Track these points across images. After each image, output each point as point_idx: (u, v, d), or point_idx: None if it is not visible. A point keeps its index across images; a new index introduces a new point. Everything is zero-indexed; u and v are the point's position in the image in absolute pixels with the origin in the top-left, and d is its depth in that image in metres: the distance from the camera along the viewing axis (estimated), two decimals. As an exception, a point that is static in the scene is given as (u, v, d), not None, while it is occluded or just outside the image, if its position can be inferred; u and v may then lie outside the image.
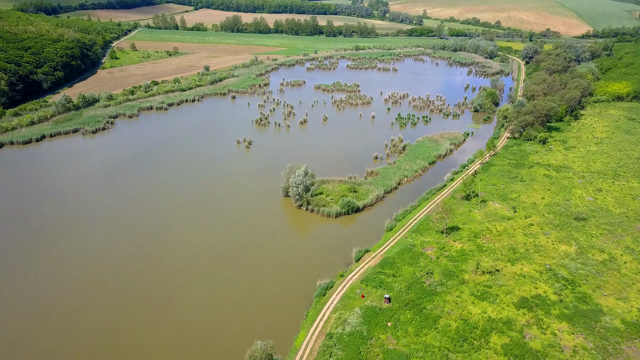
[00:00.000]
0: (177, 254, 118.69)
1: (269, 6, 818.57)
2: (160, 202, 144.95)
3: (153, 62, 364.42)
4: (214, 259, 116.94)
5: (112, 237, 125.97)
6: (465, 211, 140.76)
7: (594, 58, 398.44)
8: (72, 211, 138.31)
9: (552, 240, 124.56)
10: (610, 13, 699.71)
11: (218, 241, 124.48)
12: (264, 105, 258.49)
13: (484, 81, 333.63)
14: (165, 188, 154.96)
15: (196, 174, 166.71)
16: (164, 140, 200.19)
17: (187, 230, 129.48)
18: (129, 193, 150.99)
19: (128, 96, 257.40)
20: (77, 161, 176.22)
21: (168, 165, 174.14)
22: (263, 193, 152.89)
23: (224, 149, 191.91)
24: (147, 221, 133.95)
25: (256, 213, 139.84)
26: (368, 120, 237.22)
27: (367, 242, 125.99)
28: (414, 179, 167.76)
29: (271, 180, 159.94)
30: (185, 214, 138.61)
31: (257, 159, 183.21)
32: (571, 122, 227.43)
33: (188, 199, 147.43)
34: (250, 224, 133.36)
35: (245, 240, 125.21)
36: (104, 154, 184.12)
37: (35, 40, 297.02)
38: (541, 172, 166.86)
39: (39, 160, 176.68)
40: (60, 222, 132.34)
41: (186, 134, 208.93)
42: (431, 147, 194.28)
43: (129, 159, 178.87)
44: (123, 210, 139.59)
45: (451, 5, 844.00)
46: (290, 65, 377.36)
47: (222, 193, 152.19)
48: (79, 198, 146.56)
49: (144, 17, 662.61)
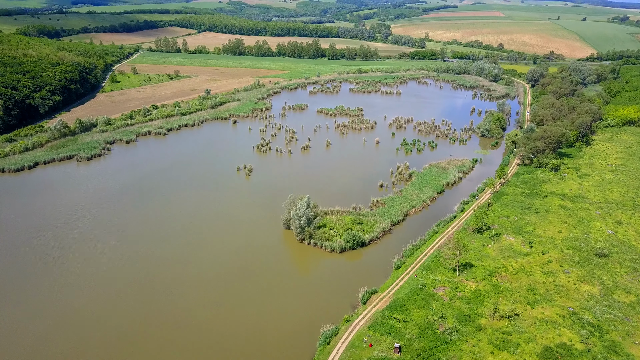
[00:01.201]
0: (171, 293, 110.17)
1: (272, 29, 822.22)
2: (155, 235, 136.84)
3: (154, 85, 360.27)
4: (209, 301, 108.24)
5: (105, 270, 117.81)
6: (477, 246, 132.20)
7: (600, 81, 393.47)
8: (62, 244, 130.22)
9: (573, 279, 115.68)
10: (613, 36, 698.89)
11: (214, 280, 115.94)
12: (266, 130, 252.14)
13: (489, 104, 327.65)
14: (161, 219, 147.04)
15: (193, 204, 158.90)
16: (161, 168, 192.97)
17: (183, 265, 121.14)
18: (122, 225, 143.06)
19: (126, 121, 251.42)
20: (69, 190, 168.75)
21: (164, 194, 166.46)
22: (263, 225, 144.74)
23: (223, 177, 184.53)
24: (140, 256, 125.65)
25: (255, 248, 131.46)
26: (372, 146, 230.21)
27: (374, 280, 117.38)
28: (422, 209, 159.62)
29: (272, 210, 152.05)
30: (181, 247, 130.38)
31: (258, 187, 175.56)
32: (582, 148, 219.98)
33: (184, 231, 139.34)
34: (248, 261, 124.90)
35: (243, 280, 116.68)
36: (98, 182, 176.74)
37: (34, 64, 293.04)
38: (556, 203, 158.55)
39: (30, 189, 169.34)
40: (50, 256, 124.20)
41: (184, 161, 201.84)
42: (439, 174, 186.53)
43: (123, 188, 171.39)
44: (116, 243, 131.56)
45: (453, 28, 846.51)
46: (293, 88, 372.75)
47: (220, 225, 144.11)
48: (70, 229, 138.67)
49: (147, 40, 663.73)
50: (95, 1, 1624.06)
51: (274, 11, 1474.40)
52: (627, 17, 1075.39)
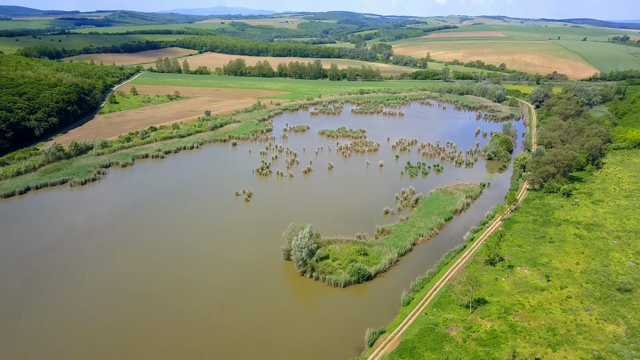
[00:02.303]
0: (163, 330, 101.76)
1: (273, 50, 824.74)
2: (146, 269, 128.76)
3: (153, 106, 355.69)
4: (203, 336, 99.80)
5: (95, 305, 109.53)
6: (490, 279, 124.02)
7: (605, 101, 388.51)
8: (50, 276, 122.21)
9: (596, 317, 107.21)
10: (615, 56, 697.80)
11: (208, 316, 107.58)
12: (266, 152, 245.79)
13: (494, 126, 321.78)
14: (154, 249, 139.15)
15: (189, 232, 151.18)
16: (156, 193, 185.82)
17: (176, 301, 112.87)
18: (114, 255, 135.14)
19: (123, 143, 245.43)
20: (60, 217, 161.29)
21: (159, 222, 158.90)
22: (262, 256, 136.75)
23: (221, 202, 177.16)
24: (129, 294, 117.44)
25: (253, 281, 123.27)
26: (376, 169, 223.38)
27: (380, 318, 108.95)
28: (429, 238, 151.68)
29: (271, 239, 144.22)
30: (175, 280, 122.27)
31: (257, 213, 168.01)
32: (593, 172, 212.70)
33: (179, 262, 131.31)
34: (245, 296, 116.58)
35: (239, 317, 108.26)
36: (90, 208, 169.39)
37: (31, 85, 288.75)
38: (571, 232, 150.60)
39: (19, 215, 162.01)
40: (37, 288, 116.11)
41: (181, 186, 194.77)
42: (446, 200, 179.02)
43: (117, 215, 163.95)
44: (107, 276, 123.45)
45: (454, 48, 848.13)
46: (294, 109, 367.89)
47: (216, 256, 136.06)
48: (60, 259, 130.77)
49: (148, 60, 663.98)
50: (98, 22, 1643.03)
51: (276, 32, 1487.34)
52: (627, 38, 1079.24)
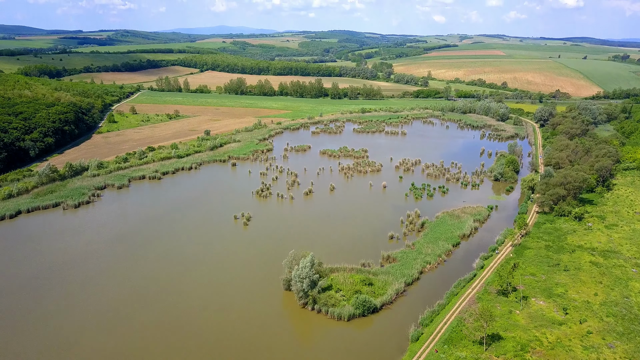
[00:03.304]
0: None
1: (274, 68, 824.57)
2: (140, 297, 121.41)
3: (152, 125, 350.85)
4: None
5: (86, 335, 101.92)
6: (504, 312, 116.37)
7: (610, 120, 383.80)
8: (38, 307, 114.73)
9: (620, 355, 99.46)
10: (616, 74, 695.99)
11: (204, 352, 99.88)
12: (266, 173, 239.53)
13: (499, 145, 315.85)
14: (148, 278, 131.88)
15: (185, 260, 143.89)
16: (152, 217, 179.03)
17: (169, 334, 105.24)
18: (105, 285, 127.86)
19: (120, 164, 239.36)
20: (51, 243, 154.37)
21: (153, 249, 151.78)
22: (260, 285, 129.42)
23: (219, 227, 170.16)
24: (125, 320, 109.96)
25: (251, 315, 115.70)
26: (379, 191, 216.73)
27: (388, 356, 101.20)
28: (437, 265, 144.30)
29: (271, 267, 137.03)
30: (169, 310, 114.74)
31: (256, 239, 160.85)
32: (604, 194, 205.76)
33: (173, 293, 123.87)
34: (242, 330, 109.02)
35: (236, 354, 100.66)
36: (83, 234, 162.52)
37: (28, 104, 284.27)
38: (586, 259, 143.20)
39: (8, 241, 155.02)
40: (22, 319, 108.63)
41: (178, 209, 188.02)
42: (453, 224, 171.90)
43: (110, 241, 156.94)
44: (97, 307, 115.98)
45: (455, 66, 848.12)
46: (295, 129, 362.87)
47: (213, 286, 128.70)
48: (48, 289, 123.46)
49: (149, 79, 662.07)
50: (101, 42, 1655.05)
51: (277, 50, 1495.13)
52: (628, 56, 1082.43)
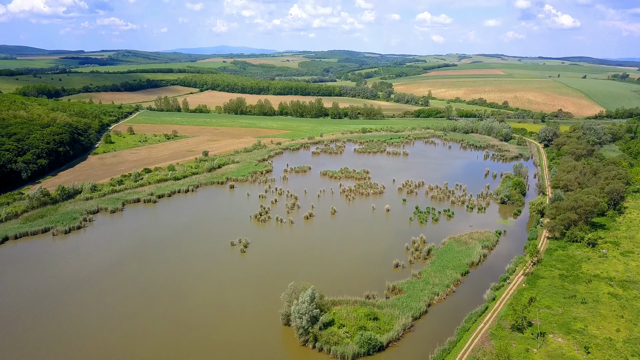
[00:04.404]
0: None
1: (274, 88, 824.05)
2: (128, 331, 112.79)
3: (149, 146, 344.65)
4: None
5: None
6: (520, 350, 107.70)
7: (615, 140, 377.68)
8: (22, 340, 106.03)
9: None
10: (618, 94, 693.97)
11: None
12: (265, 196, 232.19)
13: (503, 166, 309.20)
14: (137, 311, 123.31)
15: (177, 290, 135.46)
16: (145, 243, 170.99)
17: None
18: (92, 318, 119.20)
19: (115, 186, 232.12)
20: (38, 271, 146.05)
21: (145, 279, 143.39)
22: (257, 320, 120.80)
23: (214, 254, 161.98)
24: (112, 357, 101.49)
25: (247, 354, 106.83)
26: (382, 214, 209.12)
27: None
28: (446, 297, 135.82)
29: (269, 300, 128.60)
30: (159, 348, 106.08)
31: (253, 267, 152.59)
32: (615, 218, 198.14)
33: (163, 328, 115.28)
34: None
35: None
36: (73, 261, 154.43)
37: (22, 125, 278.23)
38: (604, 290, 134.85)
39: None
40: (6, 353, 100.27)
41: (172, 235, 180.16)
42: (460, 251, 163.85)
43: (99, 270, 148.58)
44: (85, 342, 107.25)
45: (455, 86, 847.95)
46: (295, 149, 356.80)
47: (206, 321, 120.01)
48: (33, 321, 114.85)
49: (148, 98, 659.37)
50: (102, 62, 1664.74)
51: (277, 70, 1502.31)
52: (627, 75, 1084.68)
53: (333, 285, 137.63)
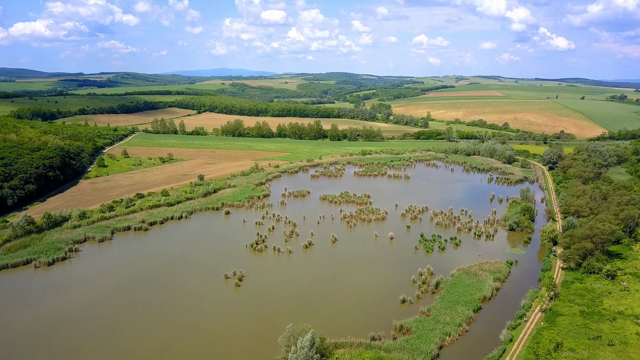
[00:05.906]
0: None
1: (272, 110, 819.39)
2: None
3: (144, 170, 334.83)
4: None
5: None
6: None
7: (621, 162, 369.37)
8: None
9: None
10: (618, 115, 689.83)
11: None
12: (262, 222, 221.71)
13: (508, 190, 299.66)
14: (123, 354, 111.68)
15: (166, 331, 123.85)
16: (132, 277, 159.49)
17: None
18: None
19: (105, 213, 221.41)
20: (14, 309, 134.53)
21: (131, 316, 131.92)
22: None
23: (207, 289, 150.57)
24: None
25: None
26: (385, 242, 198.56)
27: None
28: (458, 337, 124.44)
29: (264, 342, 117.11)
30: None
31: (248, 304, 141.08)
32: (632, 246, 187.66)
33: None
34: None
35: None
36: (54, 296, 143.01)
37: (11, 149, 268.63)
38: (631, 329, 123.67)
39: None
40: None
41: (163, 266, 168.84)
42: (471, 284, 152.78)
43: (82, 306, 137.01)
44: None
45: (454, 107, 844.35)
46: (294, 172, 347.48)
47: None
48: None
49: (145, 121, 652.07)
50: (100, 84, 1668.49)
51: (275, 92, 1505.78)
52: (625, 96, 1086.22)
53: (335, 323, 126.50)
